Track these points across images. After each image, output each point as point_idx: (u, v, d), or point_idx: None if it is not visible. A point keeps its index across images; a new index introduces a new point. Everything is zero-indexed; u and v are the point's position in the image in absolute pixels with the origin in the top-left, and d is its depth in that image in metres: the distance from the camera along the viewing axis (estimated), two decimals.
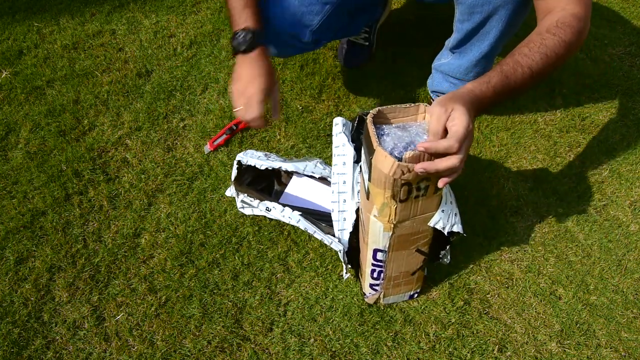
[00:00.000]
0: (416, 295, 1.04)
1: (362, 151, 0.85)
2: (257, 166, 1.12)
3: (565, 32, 0.86)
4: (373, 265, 0.93)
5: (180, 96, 1.43)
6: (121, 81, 1.47)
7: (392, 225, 0.84)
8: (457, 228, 0.88)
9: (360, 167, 0.90)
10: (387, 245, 0.88)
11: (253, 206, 1.11)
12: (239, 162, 1.14)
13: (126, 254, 1.12)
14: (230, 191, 1.17)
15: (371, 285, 0.98)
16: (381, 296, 1.01)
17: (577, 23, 0.87)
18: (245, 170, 1.15)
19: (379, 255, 0.91)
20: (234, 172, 1.14)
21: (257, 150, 1.20)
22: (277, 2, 1.12)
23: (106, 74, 1.49)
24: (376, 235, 0.87)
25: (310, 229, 1.02)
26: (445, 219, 0.87)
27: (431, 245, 0.94)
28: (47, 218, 1.17)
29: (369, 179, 0.80)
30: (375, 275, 0.95)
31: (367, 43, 1.50)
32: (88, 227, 1.16)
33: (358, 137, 0.93)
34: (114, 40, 1.60)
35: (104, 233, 1.15)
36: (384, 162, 0.73)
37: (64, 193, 1.22)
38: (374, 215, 0.84)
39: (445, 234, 0.88)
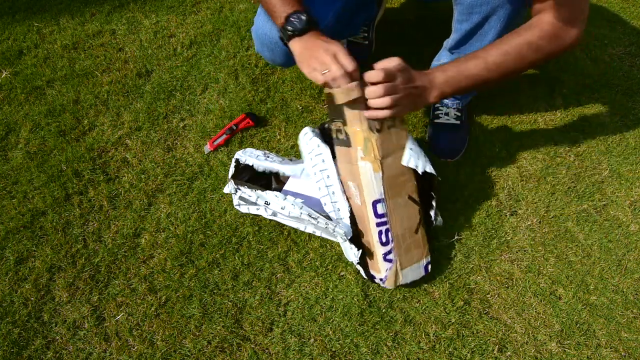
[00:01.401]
0: (429, 267, 1.05)
1: (333, 135, 0.98)
2: (254, 167, 1.12)
3: (532, 34, 0.89)
4: (378, 225, 0.97)
5: (180, 96, 1.43)
6: (121, 81, 1.47)
7: (379, 164, 0.93)
8: (429, 169, 0.99)
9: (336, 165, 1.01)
10: (383, 192, 0.95)
11: (251, 202, 1.11)
12: (237, 161, 1.14)
13: (126, 254, 1.12)
14: (228, 188, 1.17)
15: (384, 256, 0.99)
16: (398, 269, 1.01)
17: (551, 28, 0.89)
18: (243, 169, 1.15)
19: (379, 208, 0.96)
20: (232, 170, 1.14)
21: (256, 149, 1.20)
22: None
23: (106, 74, 1.49)
24: (369, 182, 0.94)
25: (313, 214, 1.02)
26: (415, 158, 0.97)
27: (421, 201, 1.03)
28: (47, 218, 1.17)
29: (345, 124, 0.92)
30: (383, 238, 0.98)
31: (366, 42, 1.50)
32: (88, 227, 1.16)
33: (330, 140, 1.02)
34: (114, 40, 1.60)
35: (104, 233, 1.15)
36: (337, 96, 0.88)
37: (64, 193, 1.22)
38: (361, 157, 0.93)
39: (420, 173, 0.97)
